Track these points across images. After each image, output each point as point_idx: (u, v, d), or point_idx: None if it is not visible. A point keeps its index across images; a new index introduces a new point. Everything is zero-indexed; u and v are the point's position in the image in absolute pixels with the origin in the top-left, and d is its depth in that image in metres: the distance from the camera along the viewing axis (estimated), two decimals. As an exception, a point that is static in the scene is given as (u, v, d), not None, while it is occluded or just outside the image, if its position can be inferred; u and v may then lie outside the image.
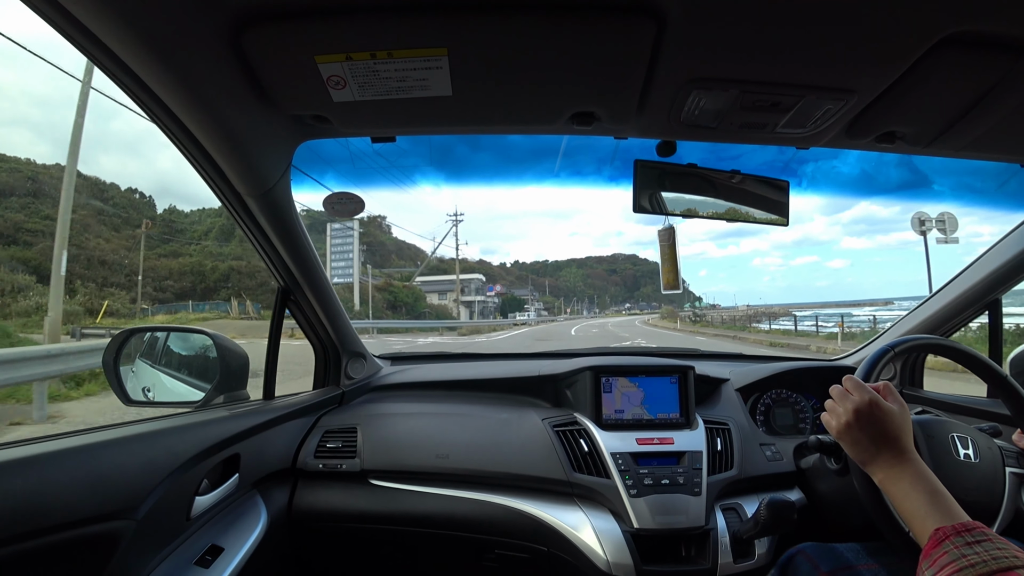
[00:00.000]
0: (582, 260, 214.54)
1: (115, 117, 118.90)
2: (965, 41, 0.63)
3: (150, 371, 1.27)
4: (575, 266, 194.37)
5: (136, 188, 60.40)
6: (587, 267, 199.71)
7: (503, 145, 1.15)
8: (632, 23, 0.61)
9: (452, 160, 1.17)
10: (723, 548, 1.01)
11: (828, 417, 0.76)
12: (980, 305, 1.28)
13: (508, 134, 0.93)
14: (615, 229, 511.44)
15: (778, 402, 1.43)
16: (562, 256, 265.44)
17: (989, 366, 0.87)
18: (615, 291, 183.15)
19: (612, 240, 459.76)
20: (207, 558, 0.88)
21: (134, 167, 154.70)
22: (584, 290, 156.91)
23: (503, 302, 63.57)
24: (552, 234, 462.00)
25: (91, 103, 10.10)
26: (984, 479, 0.84)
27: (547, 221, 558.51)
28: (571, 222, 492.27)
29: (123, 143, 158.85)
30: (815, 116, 0.80)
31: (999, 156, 0.95)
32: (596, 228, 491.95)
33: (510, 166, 1.19)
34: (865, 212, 41.52)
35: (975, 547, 0.54)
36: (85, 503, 0.67)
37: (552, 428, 1.19)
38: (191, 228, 55.14)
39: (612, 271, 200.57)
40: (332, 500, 1.18)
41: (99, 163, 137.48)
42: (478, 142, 1.15)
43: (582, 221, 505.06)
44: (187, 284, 37.97)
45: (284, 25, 0.61)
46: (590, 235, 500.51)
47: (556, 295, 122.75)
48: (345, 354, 1.45)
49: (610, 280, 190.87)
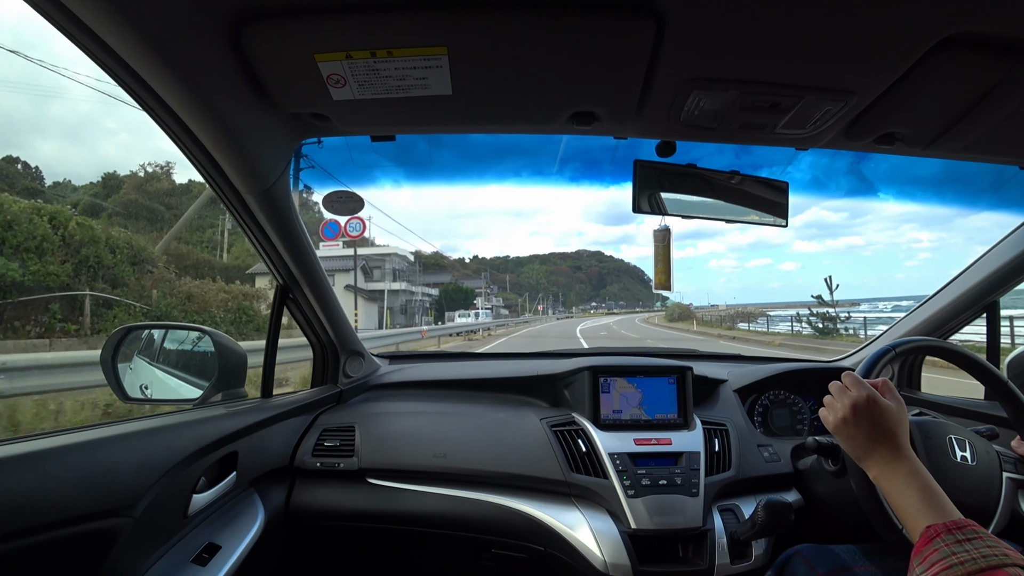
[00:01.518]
0: (545, 256, 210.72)
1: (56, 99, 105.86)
2: (965, 43, 0.63)
3: (148, 368, 1.27)
4: (538, 262, 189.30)
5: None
6: (551, 263, 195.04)
7: (491, 144, 1.14)
8: (632, 23, 0.61)
9: (418, 159, 1.15)
10: (720, 549, 1.01)
11: (826, 412, 0.76)
12: (978, 307, 1.29)
13: (507, 133, 0.93)
14: (575, 229, 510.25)
15: (776, 403, 1.43)
16: (524, 252, 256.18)
17: (988, 369, 0.87)
18: (580, 289, 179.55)
19: (572, 240, 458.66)
20: (204, 556, 0.88)
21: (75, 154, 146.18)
22: (548, 287, 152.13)
23: (443, 294, 44.15)
24: (513, 233, 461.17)
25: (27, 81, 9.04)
26: (981, 482, 0.84)
27: (508, 220, 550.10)
28: (532, 221, 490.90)
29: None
30: (815, 117, 0.80)
31: (998, 158, 0.95)
32: (557, 228, 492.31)
33: (505, 164, 1.18)
34: (816, 217, 42.18)
35: (965, 545, 0.54)
36: (82, 500, 0.67)
37: (550, 428, 1.19)
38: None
39: (577, 268, 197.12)
40: (330, 499, 1.18)
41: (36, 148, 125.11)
42: (465, 141, 1.14)
43: (543, 220, 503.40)
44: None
45: (284, 23, 0.61)
46: (551, 234, 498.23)
47: (519, 292, 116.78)
48: (343, 352, 1.45)
49: (575, 277, 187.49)
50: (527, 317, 47.64)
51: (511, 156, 1.15)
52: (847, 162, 1.10)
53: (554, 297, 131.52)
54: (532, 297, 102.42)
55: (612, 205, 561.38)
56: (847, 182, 1.22)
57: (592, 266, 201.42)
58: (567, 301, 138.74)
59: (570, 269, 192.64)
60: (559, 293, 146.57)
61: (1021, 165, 0.98)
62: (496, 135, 1.03)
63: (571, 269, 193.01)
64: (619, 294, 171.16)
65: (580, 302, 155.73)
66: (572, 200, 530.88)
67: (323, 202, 1.09)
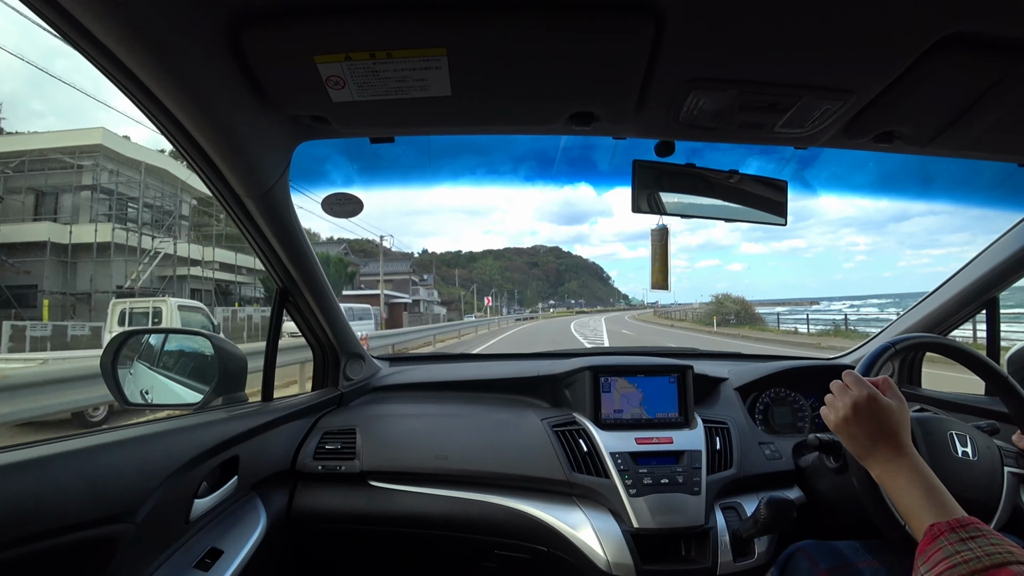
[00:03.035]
0: (500, 251, 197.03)
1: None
2: (963, 41, 0.63)
3: (148, 374, 1.27)
4: (492, 257, 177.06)
5: None
6: (505, 259, 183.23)
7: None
8: (631, 23, 0.61)
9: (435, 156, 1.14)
10: (723, 547, 1.01)
11: (827, 411, 0.77)
12: (978, 303, 1.29)
13: (507, 134, 0.93)
14: (529, 228, 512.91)
15: (777, 401, 1.43)
16: (477, 247, 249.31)
17: (987, 364, 0.88)
18: (537, 286, 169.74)
19: (527, 239, 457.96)
20: (207, 561, 0.87)
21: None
22: (502, 284, 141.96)
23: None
24: (467, 231, 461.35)
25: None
26: (982, 477, 0.84)
27: (463, 218, 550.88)
28: (487, 219, 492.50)
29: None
30: (813, 116, 0.80)
31: (997, 156, 0.95)
32: (511, 226, 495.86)
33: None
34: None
35: (969, 543, 0.54)
36: (83, 506, 0.67)
37: (551, 428, 1.19)
38: None
39: (533, 264, 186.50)
40: (332, 502, 1.17)
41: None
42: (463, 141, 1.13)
43: (497, 219, 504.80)
44: None
45: (283, 25, 0.61)
46: (505, 233, 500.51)
47: (468, 287, 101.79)
48: (344, 355, 1.45)
49: (531, 274, 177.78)
50: (473, 320, 30.82)
51: (468, 155, 1.14)
52: (846, 161, 1.11)
53: (509, 294, 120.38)
54: (483, 294, 79.75)
55: (565, 204, 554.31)
56: (847, 181, 1.22)
57: (549, 262, 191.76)
58: (524, 299, 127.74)
59: (526, 265, 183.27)
60: (514, 290, 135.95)
61: (1020, 163, 0.98)
62: (529, 136, 1.02)
63: (527, 265, 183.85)
64: (578, 292, 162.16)
65: (538, 300, 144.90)
66: (526, 199, 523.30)
67: (322, 204, 1.08)
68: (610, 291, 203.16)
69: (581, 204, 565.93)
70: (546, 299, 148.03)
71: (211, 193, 0.94)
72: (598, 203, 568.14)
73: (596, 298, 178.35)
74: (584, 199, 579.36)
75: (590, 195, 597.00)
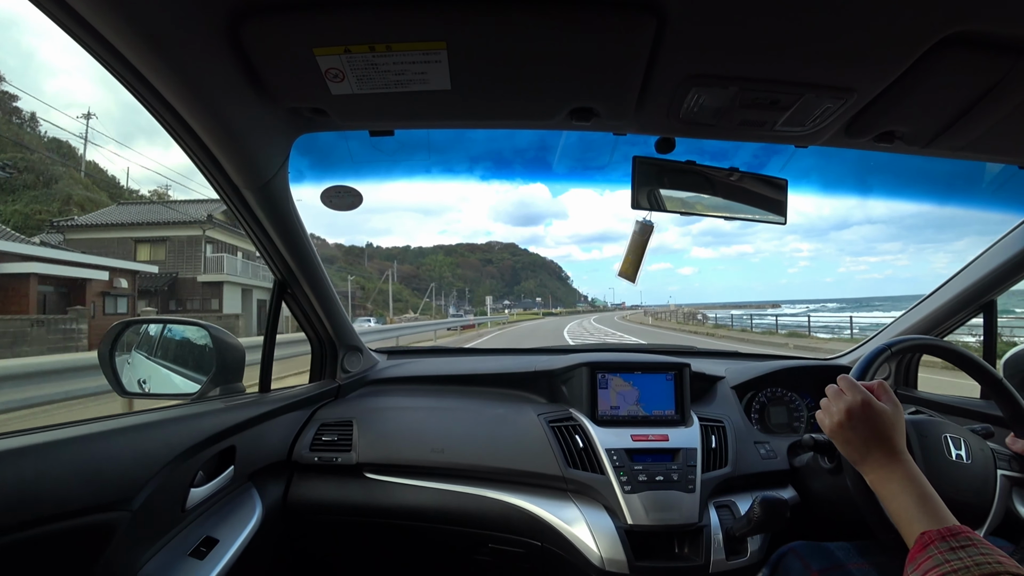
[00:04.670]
0: (452, 247, 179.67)
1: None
2: (965, 41, 0.62)
3: (146, 363, 1.27)
4: (442, 253, 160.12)
5: None
6: (457, 255, 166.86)
7: (493, 140, 1.12)
8: (632, 19, 0.61)
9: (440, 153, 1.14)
10: (716, 545, 1.02)
11: (822, 415, 0.77)
12: (976, 306, 1.29)
13: (506, 128, 0.92)
14: (484, 228, 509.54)
15: (773, 400, 1.43)
16: (428, 243, 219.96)
17: (983, 368, 0.88)
18: (491, 284, 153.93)
19: (481, 239, 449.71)
20: (202, 550, 0.88)
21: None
22: (453, 281, 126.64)
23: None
24: (421, 230, 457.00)
25: None
26: (975, 480, 0.84)
27: (417, 217, 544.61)
28: (440, 219, 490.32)
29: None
30: (814, 114, 0.80)
31: (997, 157, 0.95)
32: (466, 227, 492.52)
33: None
34: (712, 224, 40.61)
35: (959, 552, 0.54)
36: (80, 494, 0.67)
37: (547, 424, 1.20)
38: None
39: (487, 261, 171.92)
40: (327, 493, 1.18)
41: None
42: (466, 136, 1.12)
43: (452, 218, 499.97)
44: None
45: (282, 17, 0.61)
46: (459, 233, 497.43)
47: (412, 285, 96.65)
48: (342, 348, 1.46)
49: (485, 271, 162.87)
50: (396, 326, 16.58)
51: (423, 152, 1.13)
52: (846, 160, 1.10)
53: (459, 293, 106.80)
54: (424, 292, 68.52)
55: (520, 205, 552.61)
56: (846, 181, 1.21)
57: (504, 259, 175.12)
58: (476, 298, 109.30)
59: (480, 262, 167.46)
60: (466, 288, 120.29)
61: (1021, 165, 0.98)
62: (530, 131, 1.02)
63: (481, 262, 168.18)
64: (536, 291, 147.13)
65: (492, 300, 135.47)
66: (481, 197, 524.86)
67: (321, 197, 1.08)
68: (570, 291, 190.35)
69: (536, 205, 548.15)
70: (500, 298, 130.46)
71: (210, 184, 0.94)
72: (553, 205, 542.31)
73: (556, 299, 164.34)
74: (539, 200, 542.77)
75: (545, 196, 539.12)
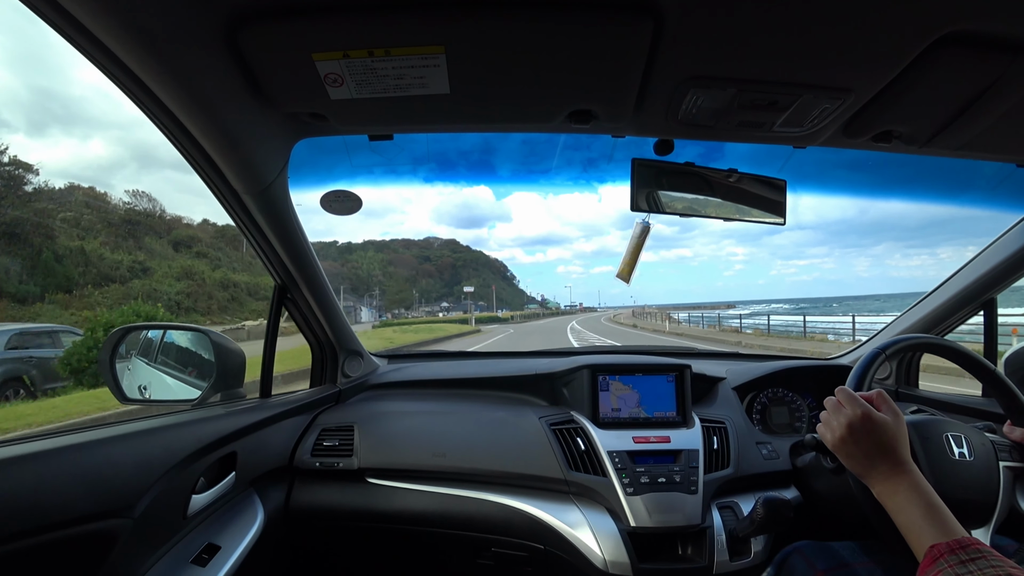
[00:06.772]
0: (384, 243, 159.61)
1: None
2: (962, 41, 0.63)
3: (146, 369, 1.27)
4: (373, 249, 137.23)
5: None
6: (390, 251, 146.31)
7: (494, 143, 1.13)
8: (630, 21, 0.61)
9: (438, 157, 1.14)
10: (719, 546, 1.02)
11: (823, 429, 0.77)
12: (976, 304, 1.29)
13: (505, 132, 0.92)
14: (427, 230, 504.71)
15: (774, 401, 1.43)
16: (358, 238, 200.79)
17: (983, 365, 0.87)
18: (429, 284, 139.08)
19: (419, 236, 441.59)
20: (204, 556, 0.88)
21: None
22: (384, 281, 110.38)
23: None
24: (362, 233, 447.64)
25: None
26: (979, 476, 0.84)
27: (356, 219, 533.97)
28: (383, 221, 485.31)
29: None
30: (812, 115, 0.80)
31: (995, 156, 0.95)
32: (409, 229, 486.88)
33: (501, 164, 1.17)
34: (654, 230, 40.94)
35: (969, 565, 0.53)
36: (81, 501, 0.67)
37: (549, 427, 1.19)
38: None
39: (425, 259, 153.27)
40: (329, 498, 1.18)
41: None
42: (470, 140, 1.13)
43: (394, 220, 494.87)
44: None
45: (281, 22, 0.61)
46: (403, 236, 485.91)
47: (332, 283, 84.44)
48: (342, 352, 1.45)
49: (422, 270, 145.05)
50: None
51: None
52: (845, 160, 1.10)
53: (370, 294, 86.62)
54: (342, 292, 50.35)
55: (464, 207, 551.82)
56: (846, 180, 1.22)
57: (444, 257, 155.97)
58: (407, 299, 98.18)
59: (416, 259, 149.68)
60: (376, 290, 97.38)
61: (1018, 163, 0.98)
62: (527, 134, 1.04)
63: (418, 259, 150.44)
64: (479, 292, 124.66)
65: (428, 301, 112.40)
66: (425, 199, 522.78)
67: (321, 201, 1.08)
68: (517, 292, 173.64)
69: (480, 207, 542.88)
70: (436, 300, 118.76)
71: (210, 190, 0.94)
72: (497, 207, 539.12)
73: (501, 301, 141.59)
74: (483, 202, 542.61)
75: (488, 198, 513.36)
